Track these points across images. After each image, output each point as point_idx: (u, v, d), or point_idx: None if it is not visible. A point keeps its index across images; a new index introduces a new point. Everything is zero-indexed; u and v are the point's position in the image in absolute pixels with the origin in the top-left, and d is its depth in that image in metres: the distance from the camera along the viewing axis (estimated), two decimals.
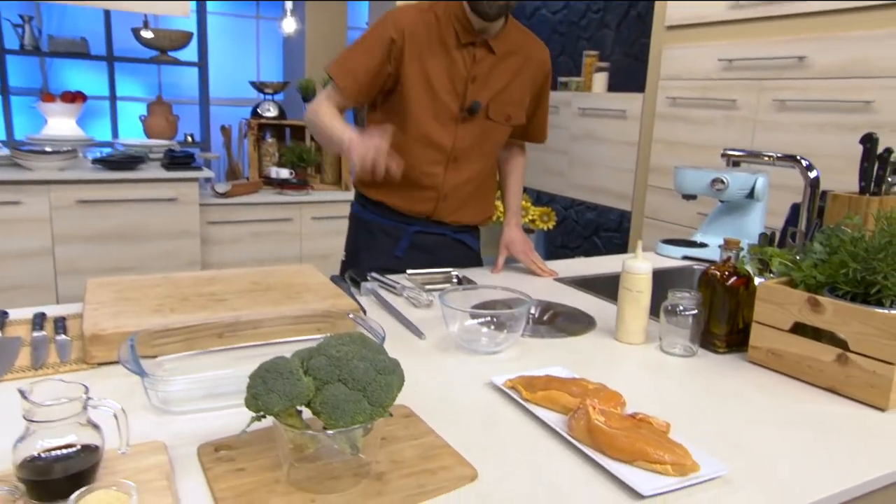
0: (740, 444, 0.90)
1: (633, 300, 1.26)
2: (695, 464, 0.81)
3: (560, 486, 0.79)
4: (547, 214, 4.31)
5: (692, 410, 1.00)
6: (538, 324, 1.39)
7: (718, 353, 1.24)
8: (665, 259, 2.03)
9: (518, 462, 0.84)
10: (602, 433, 0.85)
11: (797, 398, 1.06)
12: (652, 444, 0.82)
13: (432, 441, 0.86)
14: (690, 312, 1.21)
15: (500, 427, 0.92)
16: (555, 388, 0.97)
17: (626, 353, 1.23)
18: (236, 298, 1.25)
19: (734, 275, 1.22)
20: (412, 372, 1.09)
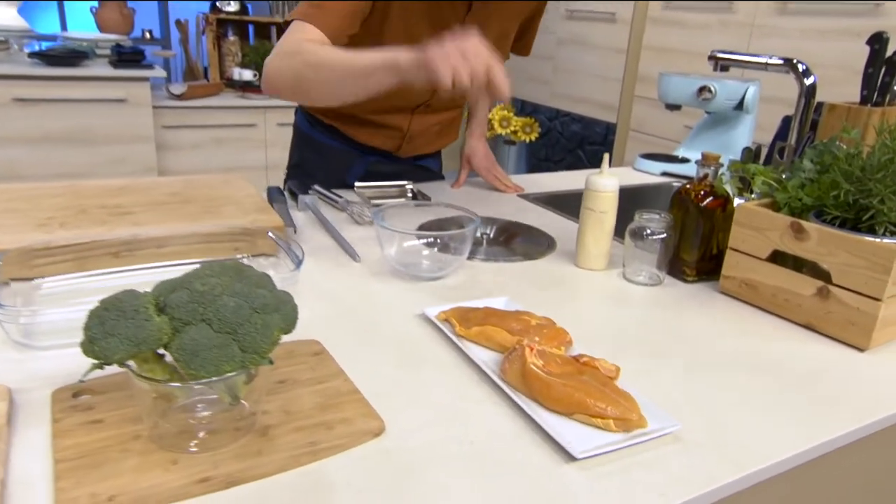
0: (700, 392, 0.79)
1: (595, 221, 1.11)
2: (641, 418, 0.69)
3: (480, 441, 0.67)
4: (530, 125, 4.10)
5: (649, 350, 0.88)
6: (493, 245, 1.25)
7: (687, 282, 1.11)
8: (643, 175, 1.87)
9: (437, 412, 0.71)
10: (536, 380, 0.72)
11: (769, 336, 0.94)
12: (593, 395, 0.70)
13: (339, 386, 0.73)
14: (658, 236, 1.07)
15: (423, 369, 0.80)
16: (492, 324, 0.84)
17: (585, 280, 1.10)
18: (144, 212, 1.10)
19: (710, 195, 1.08)
20: (336, 300, 0.96)
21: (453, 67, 0.90)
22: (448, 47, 0.91)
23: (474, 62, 0.90)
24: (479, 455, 0.65)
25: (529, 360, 0.74)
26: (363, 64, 1.00)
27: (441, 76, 0.90)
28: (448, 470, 0.63)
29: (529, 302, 0.99)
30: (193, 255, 1.02)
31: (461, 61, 0.90)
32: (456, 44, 0.92)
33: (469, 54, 0.91)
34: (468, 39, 0.92)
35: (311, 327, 0.88)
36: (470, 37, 0.93)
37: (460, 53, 0.91)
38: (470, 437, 0.68)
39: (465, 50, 0.91)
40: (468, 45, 0.92)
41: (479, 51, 0.92)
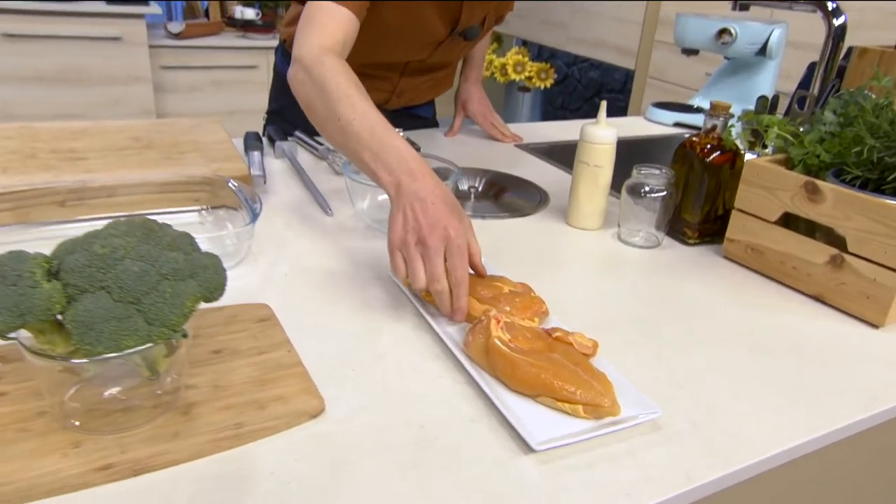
0: (691, 372, 0.70)
1: (589, 176, 1.01)
2: (614, 404, 0.61)
3: (431, 425, 0.59)
4: (545, 71, 3.93)
5: (638, 322, 0.79)
6: (481, 199, 1.16)
7: (688, 245, 1.02)
8: (655, 126, 1.75)
9: (388, 390, 0.64)
10: (500, 356, 0.64)
11: (774, 308, 0.85)
12: (562, 376, 0.62)
13: (281, 358, 0.66)
14: (658, 194, 0.97)
15: (381, 339, 0.72)
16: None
17: (575, 240, 1.01)
18: (99, 158, 1.02)
19: (718, 149, 0.97)
20: (298, 259, 0.88)
21: (410, 264, 0.73)
22: (411, 235, 0.73)
23: (435, 269, 0.72)
24: (427, 442, 0.58)
25: (494, 334, 0.66)
26: (356, 140, 0.82)
27: (394, 267, 0.75)
28: (389, 459, 0.55)
29: (509, 263, 0.90)
30: (148, 206, 0.95)
31: (418, 260, 0.73)
32: (427, 231, 0.73)
33: (431, 255, 0.72)
34: (448, 236, 0.73)
35: (265, 289, 0.80)
36: (451, 230, 0.73)
37: (423, 248, 0.73)
38: (420, 419, 0.60)
39: (431, 248, 0.72)
40: (438, 242, 0.72)
41: (452, 256, 0.73)
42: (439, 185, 0.78)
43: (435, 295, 0.72)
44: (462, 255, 0.73)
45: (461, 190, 1.18)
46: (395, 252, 0.75)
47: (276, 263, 0.86)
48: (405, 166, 0.78)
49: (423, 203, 0.75)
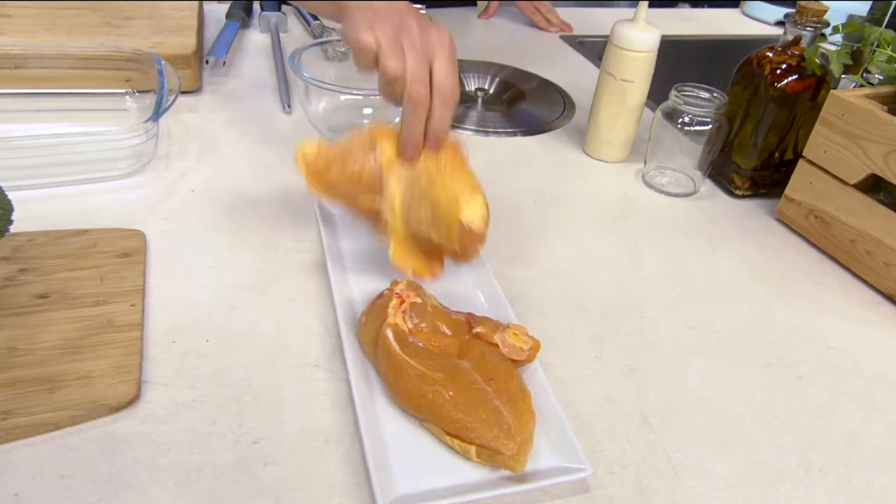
0: (670, 398, 0.51)
1: (615, 94, 0.77)
2: (520, 454, 0.42)
3: (271, 442, 0.44)
4: None
5: (622, 308, 0.59)
6: (489, 107, 0.93)
7: (735, 196, 0.77)
8: (753, 24, 1.41)
9: (237, 379, 0.48)
10: (386, 356, 0.47)
11: (828, 306, 0.62)
12: (458, 400, 0.44)
13: (119, 314, 0.51)
14: (703, 126, 0.72)
15: (265, 298, 0.56)
16: (363, 189, 0.54)
17: (585, 175, 0.79)
18: (23, 17, 0.86)
19: (796, 70, 0.70)
20: (219, 171, 0.70)
21: (387, 47, 0.52)
22: (387, 21, 0.53)
23: (417, 64, 0.52)
24: (249, 469, 0.42)
25: (390, 320, 0.48)
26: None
27: (360, 43, 0.53)
28: (187, 495, 0.40)
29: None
30: (67, 83, 0.79)
31: (398, 45, 0.52)
32: (411, 20, 0.53)
33: (418, 46, 0.52)
34: (440, 32, 0.54)
35: (156, 210, 0.64)
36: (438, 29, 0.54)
37: (407, 32, 0.53)
38: (259, 431, 0.45)
39: (419, 36, 0.53)
40: (429, 31, 0.53)
41: (442, 60, 0.53)
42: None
43: (410, 104, 0.52)
44: (455, 64, 0.53)
45: (467, 92, 0.96)
46: (366, 32, 0.52)
47: (188, 174, 0.70)
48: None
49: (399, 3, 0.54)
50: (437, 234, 0.54)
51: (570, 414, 0.48)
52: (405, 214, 0.55)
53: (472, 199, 0.53)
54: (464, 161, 0.56)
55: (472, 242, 0.54)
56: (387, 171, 0.54)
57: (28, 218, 0.60)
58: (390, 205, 0.55)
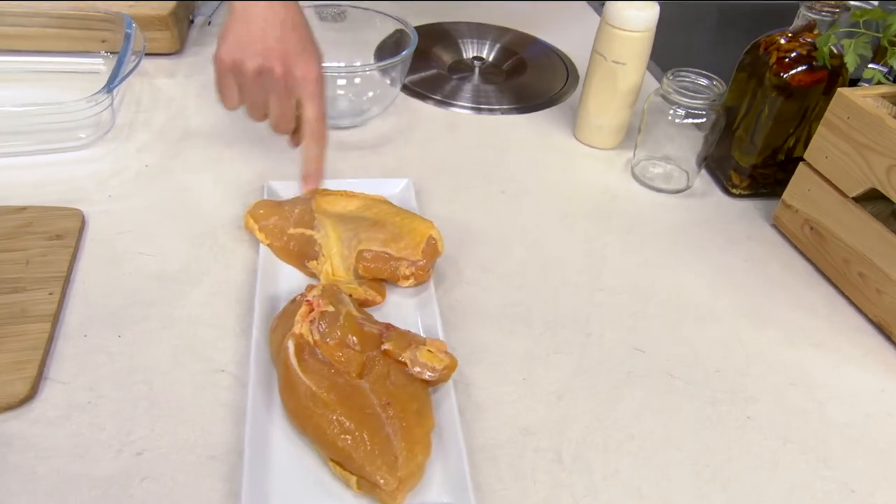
0: (595, 436, 0.47)
1: (607, 76, 0.70)
2: (398, 491, 0.40)
3: (156, 454, 0.42)
4: None
5: (569, 320, 0.55)
6: (485, 77, 0.87)
7: (731, 195, 0.70)
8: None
9: (140, 381, 0.47)
10: (283, 369, 0.45)
11: (811, 331, 0.56)
12: (343, 426, 0.41)
13: (34, 303, 0.50)
14: (697, 119, 0.65)
15: (193, 290, 0.54)
16: (295, 247, 0.56)
17: (568, 163, 0.73)
18: None
19: (806, 60, 0.62)
20: (180, 144, 0.67)
21: (248, 93, 0.55)
22: (254, 57, 0.53)
23: (284, 106, 0.56)
24: (124, 485, 0.41)
25: (296, 329, 0.46)
26: None
27: (221, 92, 0.56)
28: None
29: (460, 185, 0.66)
30: (43, 42, 0.78)
31: (259, 91, 0.55)
32: (280, 57, 0.53)
33: (281, 90, 0.54)
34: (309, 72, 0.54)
35: (104, 186, 0.63)
36: (312, 66, 0.55)
37: (269, 77, 0.54)
38: (146, 442, 0.43)
39: (283, 81, 0.54)
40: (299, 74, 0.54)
41: (309, 101, 0.55)
42: (299, 9, 0.57)
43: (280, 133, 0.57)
44: (322, 103, 0.55)
45: (464, 60, 0.90)
46: (224, 73, 0.54)
47: (146, 148, 0.68)
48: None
49: (277, 20, 0.54)
50: (398, 247, 0.54)
51: (476, 445, 0.45)
52: (344, 242, 0.55)
53: (432, 224, 0.55)
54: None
55: (434, 256, 0.53)
56: (319, 214, 0.57)
57: None
58: (325, 234, 0.55)
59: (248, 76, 0.53)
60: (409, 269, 0.53)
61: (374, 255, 0.53)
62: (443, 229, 0.60)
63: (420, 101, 0.80)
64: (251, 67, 0.53)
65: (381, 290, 0.53)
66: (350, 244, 0.53)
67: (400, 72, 0.73)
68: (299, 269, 0.55)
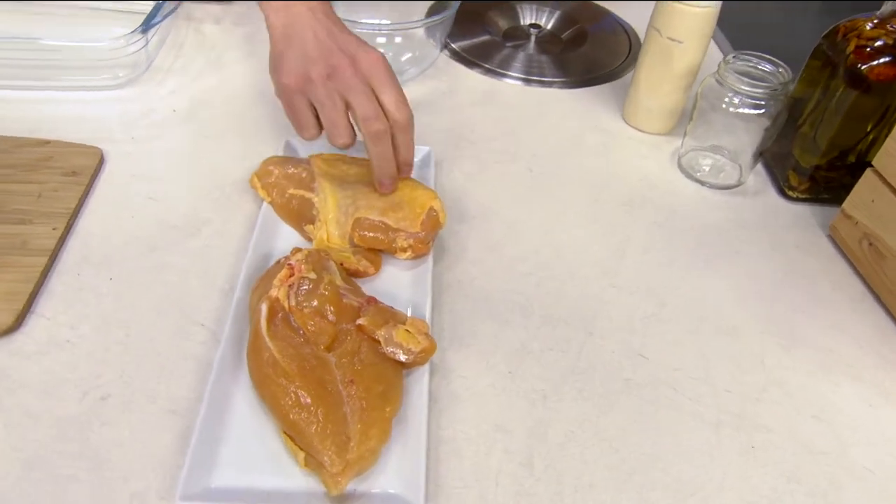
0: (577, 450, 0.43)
1: (660, 54, 0.64)
2: (342, 474, 0.37)
3: (114, 400, 0.42)
4: None
5: (573, 324, 0.51)
6: (541, 47, 0.82)
7: (787, 198, 0.63)
8: None
9: (120, 326, 0.47)
10: (252, 332, 0.43)
11: (835, 364, 0.49)
12: (297, 400, 0.39)
13: (37, 236, 0.51)
14: (755, 110, 0.59)
15: (193, 238, 0.53)
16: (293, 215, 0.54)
17: (610, 147, 0.67)
18: None
19: (890, 51, 0.54)
20: (217, 91, 0.67)
21: (324, 108, 0.50)
22: (318, 66, 0.50)
23: (367, 105, 0.49)
24: (81, 426, 0.41)
25: (271, 294, 0.44)
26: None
27: (294, 117, 0.53)
28: (6, 438, 0.40)
29: (486, 168, 0.62)
30: None
31: (335, 101, 0.50)
32: (343, 55, 0.50)
33: (358, 89, 0.49)
34: (376, 60, 0.50)
35: (129, 128, 0.63)
36: (374, 55, 0.50)
37: (340, 81, 0.49)
38: (109, 388, 0.43)
39: (354, 78, 0.49)
40: (368, 67, 0.50)
41: (388, 89, 0.49)
42: (329, 6, 0.54)
43: (373, 140, 0.49)
44: (398, 84, 0.50)
45: (520, 26, 0.85)
46: (291, 98, 0.51)
47: (177, 92, 0.68)
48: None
49: (318, 23, 0.51)
50: (396, 217, 0.51)
51: (444, 437, 0.42)
52: (341, 209, 0.52)
53: (435, 195, 0.52)
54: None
55: (434, 229, 0.50)
56: (319, 177, 0.54)
57: (3, 120, 0.61)
58: (323, 198, 0.53)
59: (319, 85, 0.49)
60: (407, 242, 0.50)
61: (370, 223, 0.50)
62: (455, 203, 0.57)
63: (466, 67, 0.76)
64: (318, 75, 0.49)
65: (375, 261, 0.51)
66: (347, 211, 0.51)
67: (441, 32, 0.69)
68: (298, 231, 0.53)
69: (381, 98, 0.49)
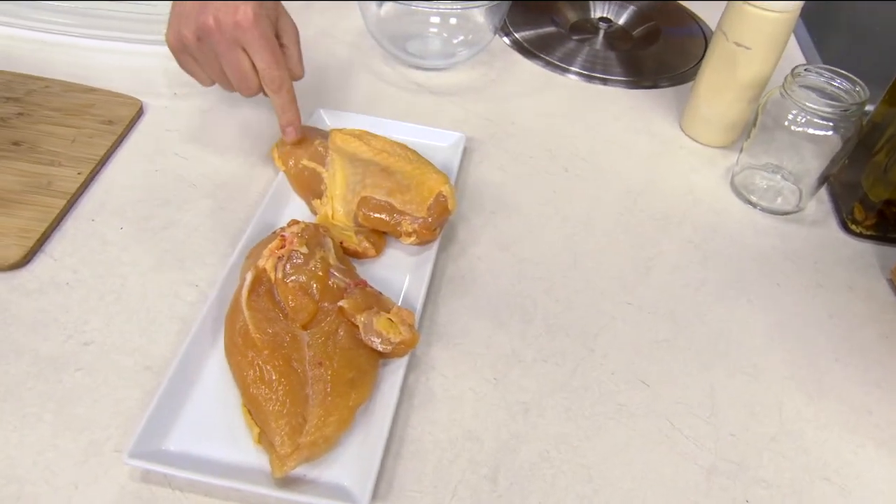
0: (549, 472, 0.40)
1: (725, 59, 0.59)
2: (289, 458, 0.36)
3: (96, 347, 0.43)
4: None
5: (576, 337, 0.47)
6: (608, 42, 0.78)
7: (848, 233, 0.57)
8: None
9: (115, 275, 0.47)
10: (234, 303, 0.42)
11: (864, 423, 0.44)
12: (261, 376, 0.38)
13: (58, 179, 0.52)
14: (823, 130, 0.53)
15: (205, 202, 0.53)
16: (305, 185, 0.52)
17: (660, 156, 0.63)
18: None
19: None
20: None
21: (203, 65, 0.51)
22: (188, 28, 0.49)
23: (237, 66, 0.49)
24: (58, 367, 0.42)
25: (259, 264, 0.43)
26: None
27: (186, 71, 0.53)
28: None
29: (505, 160, 0.59)
30: None
31: (209, 59, 0.50)
32: (203, 18, 0.48)
33: (223, 50, 0.49)
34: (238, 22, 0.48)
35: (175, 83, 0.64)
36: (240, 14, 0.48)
37: (207, 43, 0.49)
38: (93, 336, 0.44)
39: (219, 40, 0.48)
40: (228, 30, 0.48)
41: (254, 51, 0.49)
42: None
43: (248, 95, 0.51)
44: (267, 47, 0.49)
45: (589, 19, 0.81)
46: (178, 55, 0.52)
47: None
48: None
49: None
50: (402, 199, 0.49)
51: (410, 436, 0.40)
52: (349, 186, 0.51)
53: (447, 179, 0.50)
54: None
55: (442, 215, 0.47)
56: (333, 152, 0.53)
57: (59, 64, 0.63)
58: (332, 173, 0.52)
59: (193, 46, 0.49)
60: (412, 226, 0.48)
61: (375, 203, 0.49)
62: (477, 194, 0.55)
63: (525, 58, 0.73)
64: (191, 35, 0.48)
65: (377, 244, 0.49)
66: (355, 189, 0.50)
67: (497, 17, 0.66)
68: (307, 204, 0.52)
69: (252, 60, 0.49)
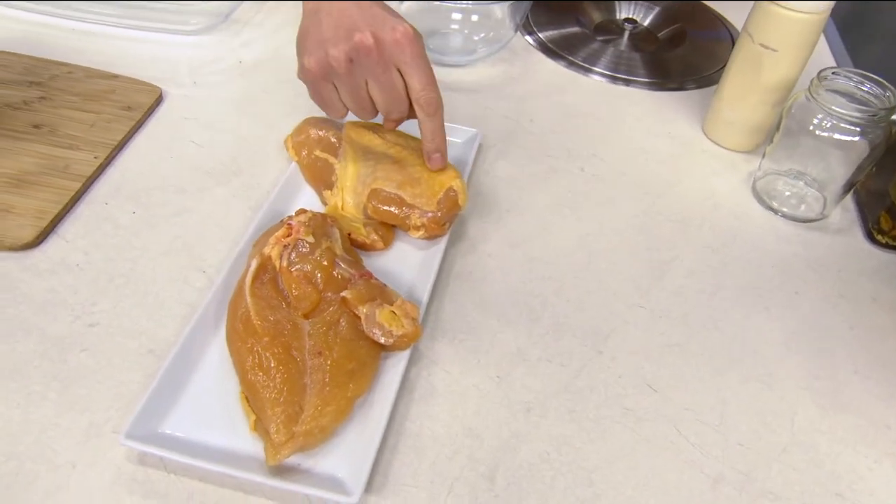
0: (548, 475, 0.39)
1: (750, 61, 0.57)
2: (284, 446, 0.36)
3: (99, 328, 0.43)
4: None
5: (585, 338, 0.46)
6: (633, 44, 0.77)
7: (873, 243, 0.55)
8: None
9: (125, 259, 0.48)
10: (238, 289, 0.42)
11: (881, 437, 0.42)
12: (260, 364, 0.38)
13: (77, 161, 0.53)
14: (849, 136, 0.51)
15: (231, 181, 0.54)
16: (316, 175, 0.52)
17: (680, 158, 0.61)
18: None
19: None
20: (288, 47, 0.65)
21: (346, 89, 0.47)
22: (338, 47, 0.44)
23: (391, 88, 0.46)
24: (63, 348, 0.42)
25: (265, 251, 0.43)
26: None
27: (318, 99, 0.49)
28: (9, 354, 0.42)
29: (521, 158, 0.59)
30: None
31: (356, 81, 0.46)
32: (366, 33, 0.44)
33: (379, 71, 0.45)
34: (401, 38, 0.44)
35: (195, 72, 0.65)
36: (400, 29, 0.45)
37: (363, 63, 0.45)
38: (100, 317, 0.44)
39: (378, 59, 0.45)
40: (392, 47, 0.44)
41: (414, 68, 0.45)
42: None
43: (390, 123, 0.48)
44: (426, 66, 0.46)
45: (614, 20, 0.80)
46: (316, 82, 0.47)
47: (248, 46, 0.68)
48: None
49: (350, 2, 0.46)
50: (412, 192, 0.49)
51: (409, 430, 0.40)
52: (360, 178, 0.50)
53: (458, 174, 0.49)
54: None
55: (452, 210, 0.47)
56: (346, 144, 0.52)
57: (85, 51, 0.64)
58: (344, 165, 0.51)
59: (341, 67, 0.45)
60: (421, 220, 0.47)
61: (385, 195, 0.48)
62: (491, 191, 0.54)
63: (548, 57, 0.72)
64: (340, 56, 0.44)
65: (386, 237, 0.49)
66: (365, 181, 0.49)
67: (519, 15, 0.66)
68: (318, 194, 0.52)
69: (407, 81, 0.45)
